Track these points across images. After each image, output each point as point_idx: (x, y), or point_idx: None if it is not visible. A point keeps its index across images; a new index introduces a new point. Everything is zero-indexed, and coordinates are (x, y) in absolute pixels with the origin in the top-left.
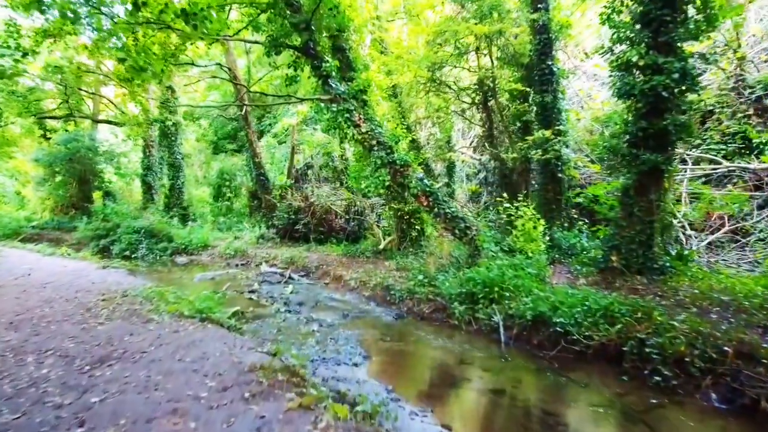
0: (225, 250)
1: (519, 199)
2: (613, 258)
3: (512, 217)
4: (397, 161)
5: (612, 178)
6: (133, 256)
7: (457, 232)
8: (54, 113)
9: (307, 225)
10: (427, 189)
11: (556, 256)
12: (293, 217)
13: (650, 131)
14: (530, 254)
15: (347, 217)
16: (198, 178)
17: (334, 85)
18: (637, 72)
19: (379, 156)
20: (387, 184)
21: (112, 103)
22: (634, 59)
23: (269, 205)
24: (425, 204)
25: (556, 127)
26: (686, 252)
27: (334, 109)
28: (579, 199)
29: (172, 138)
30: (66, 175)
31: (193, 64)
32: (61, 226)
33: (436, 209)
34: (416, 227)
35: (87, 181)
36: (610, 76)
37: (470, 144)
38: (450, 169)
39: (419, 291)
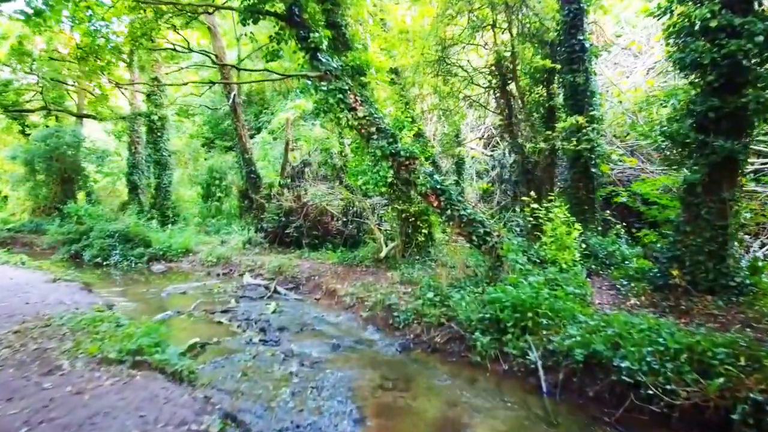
0: (207, 257)
1: (544, 198)
2: (674, 272)
3: (541, 221)
4: (401, 152)
5: (658, 174)
6: (105, 263)
7: (474, 238)
8: (26, 106)
9: (300, 228)
10: (438, 186)
11: (593, 266)
12: (283, 219)
13: (724, 111)
14: (564, 266)
15: (345, 219)
16: (192, 177)
17: (324, 60)
18: (706, 37)
19: (379, 146)
20: (389, 180)
21: (93, 95)
22: (704, 20)
23: (260, 206)
24: (435, 204)
25: (589, 113)
26: (760, 264)
27: (324, 88)
28: (621, 199)
29: (158, 134)
30: (46, 174)
31: (174, 49)
32: (38, 229)
33: (449, 211)
34: (423, 231)
35: (70, 180)
36: (668, 43)
37: (481, 138)
38: (459, 165)
39: (429, 313)
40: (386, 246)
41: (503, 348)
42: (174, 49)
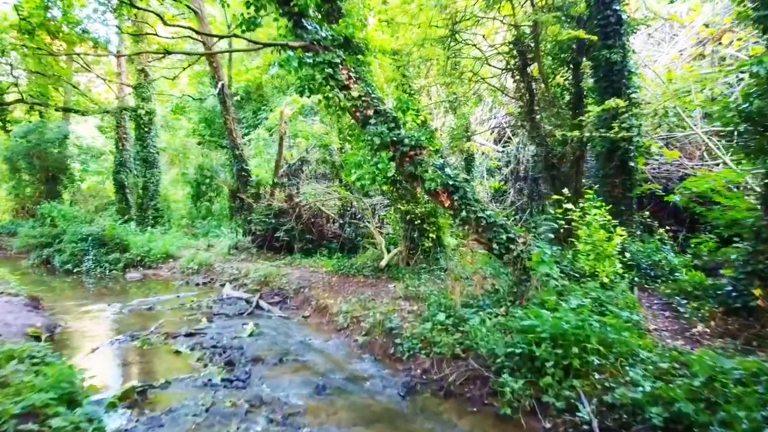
0: (187, 264)
1: (572, 196)
2: (756, 291)
3: (573, 224)
4: (405, 140)
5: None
6: (76, 270)
7: (495, 246)
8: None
9: (291, 231)
10: (451, 183)
11: (635, 279)
12: (273, 221)
13: None
14: (605, 280)
15: (342, 221)
16: (183, 176)
17: (310, 27)
18: None
19: (377, 132)
20: (390, 174)
21: (76, 88)
22: None
23: (248, 207)
24: (447, 204)
25: (628, 96)
26: None
27: (310, 60)
28: (673, 198)
29: (146, 129)
30: (28, 173)
31: (162, 18)
32: (17, 231)
33: (463, 212)
34: (430, 235)
35: (55, 179)
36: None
37: (492, 132)
38: (468, 162)
39: (440, 341)
40: (388, 252)
41: (541, 396)
42: (162, 19)
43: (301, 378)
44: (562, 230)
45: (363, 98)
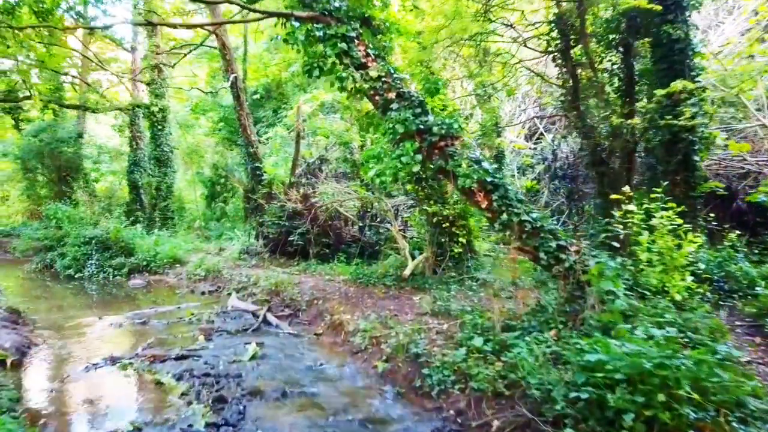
0: (194, 270)
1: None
2: None
3: (636, 229)
4: (434, 128)
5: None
6: (78, 275)
7: (542, 256)
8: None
9: (306, 235)
10: (489, 180)
11: (707, 295)
12: (286, 223)
13: None
14: (677, 297)
15: (361, 224)
16: (201, 176)
17: None
18: None
19: (400, 119)
20: (416, 170)
21: (87, 84)
22: None
23: (260, 208)
24: (485, 206)
25: (693, 78)
26: None
27: (320, 33)
28: (758, 197)
29: (159, 127)
30: (41, 173)
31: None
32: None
33: (504, 215)
34: (460, 240)
35: (68, 179)
36: None
37: (523, 126)
38: (499, 159)
39: (478, 374)
40: (412, 259)
41: None
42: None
43: (306, 420)
44: (621, 237)
45: (383, 79)
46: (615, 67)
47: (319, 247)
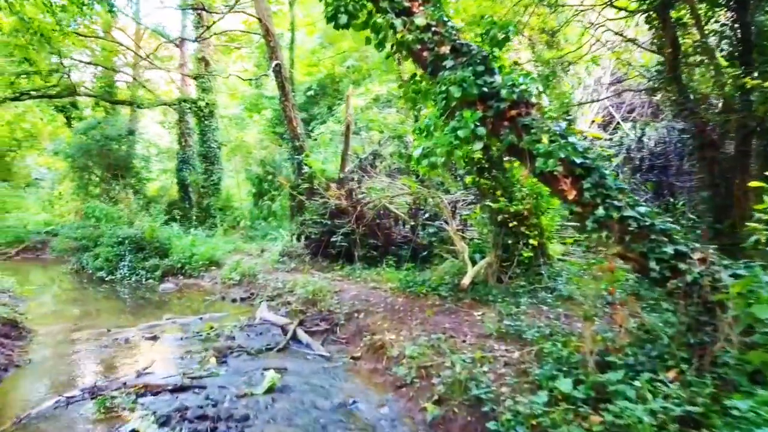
0: (229, 274)
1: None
2: None
3: None
4: (503, 91)
5: None
6: (109, 277)
7: (654, 266)
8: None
9: (351, 236)
10: (579, 161)
11: None
12: (328, 222)
13: None
14: None
15: (413, 223)
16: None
17: None
18: None
19: (457, 79)
20: (476, 148)
21: (135, 79)
22: None
23: (301, 205)
24: (572, 197)
25: None
26: None
27: None
28: None
29: (206, 123)
30: (93, 171)
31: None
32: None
33: (600, 209)
34: (531, 242)
35: (119, 177)
36: None
37: (597, 114)
38: None
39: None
40: (472, 264)
41: None
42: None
43: None
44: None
45: (434, 28)
46: (726, 27)
47: (366, 249)
